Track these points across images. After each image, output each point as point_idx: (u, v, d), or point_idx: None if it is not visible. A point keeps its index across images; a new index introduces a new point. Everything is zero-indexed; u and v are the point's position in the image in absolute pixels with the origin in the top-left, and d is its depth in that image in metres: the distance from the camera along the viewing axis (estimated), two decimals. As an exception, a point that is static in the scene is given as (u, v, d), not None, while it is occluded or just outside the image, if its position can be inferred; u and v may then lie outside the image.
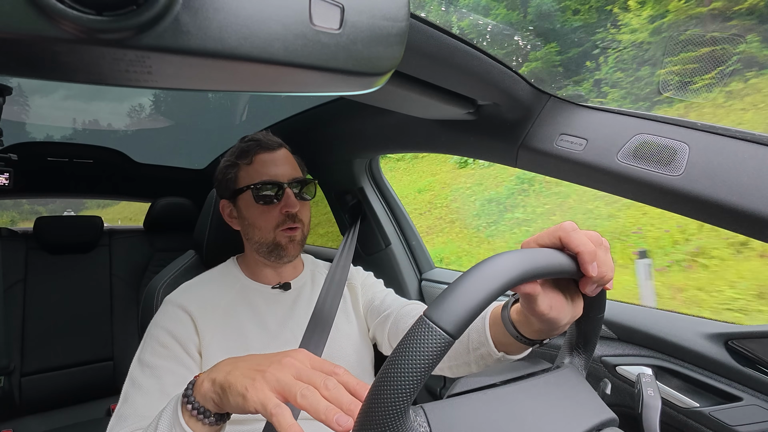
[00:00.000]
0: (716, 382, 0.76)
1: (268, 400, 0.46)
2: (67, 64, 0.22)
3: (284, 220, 0.87)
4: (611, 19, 5.38)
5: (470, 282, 0.37)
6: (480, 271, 0.38)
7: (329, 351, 0.85)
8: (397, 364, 0.35)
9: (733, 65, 3.18)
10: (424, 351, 0.34)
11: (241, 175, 0.90)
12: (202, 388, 0.53)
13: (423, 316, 0.36)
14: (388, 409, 0.34)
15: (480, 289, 0.37)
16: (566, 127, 0.77)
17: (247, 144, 0.90)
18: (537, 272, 0.42)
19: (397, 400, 0.34)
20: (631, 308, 0.92)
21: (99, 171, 2.12)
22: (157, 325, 0.82)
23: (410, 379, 0.34)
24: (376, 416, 0.35)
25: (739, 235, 0.61)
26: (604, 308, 0.53)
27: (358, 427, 0.36)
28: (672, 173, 0.64)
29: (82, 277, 1.95)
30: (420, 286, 1.41)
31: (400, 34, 0.30)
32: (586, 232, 0.47)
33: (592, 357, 0.58)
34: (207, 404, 0.53)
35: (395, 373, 0.34)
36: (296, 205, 0.87)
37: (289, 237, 0.87)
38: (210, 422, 0.53)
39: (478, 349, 0.67)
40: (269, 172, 0.87)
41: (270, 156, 0.89)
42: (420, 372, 0.34)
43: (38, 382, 1.77)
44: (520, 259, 0.40)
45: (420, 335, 0.35)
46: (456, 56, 0.62)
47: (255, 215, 0.87)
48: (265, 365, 0.50)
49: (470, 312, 0.36)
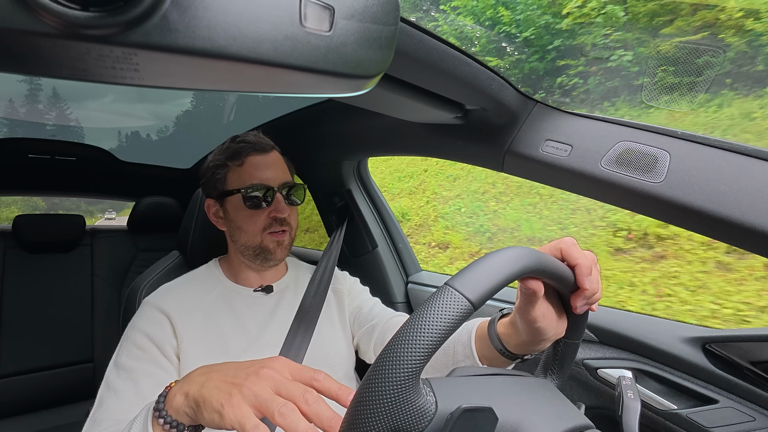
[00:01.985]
0: (694, 384, 0.78)
1: (246, 420, 0.44)
2: (51, 59, 0.21)
3: (271, 223, 0.86)
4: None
5: (493, 261, 0.40)
6: (502, 254, 0.41)
7: (311, 354, 0.84)
8: (417, 324, 0.35)
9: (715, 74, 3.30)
10: (445, 315, 0.35)
11: (230, 177, 0.88)
12: (175, 402, 0.50)
13: (446, 284, 0.38)
14: (403, 368, 0.35)
15: (501, 268, 0.39)
16: (552, 133, 0.78)
17: (239, 145, 0.88)
18: (547, 271, 0.45)
19: (413, 359, 0.35)
20: (612, 312, 0.94)
21: (82, 169, 2.07)
22: (134, 328, 0.80)
23: (429, 340, 0.35)
24: (390, 372, 0.35)
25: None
26: (582, 335, 0.57)
27: (370, 383, 0.36)
28: (653, 180, 0.65)
29: (62, 277, 1.90)
30: (406, 289, 1.41)
31: (390, 37, 0.30)
32: (584, 250, 0.51)
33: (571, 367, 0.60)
34: (180, 418, 0.50)
35: (414, 333, 0.35)
36: (286, 210, 0.86)
37: (276, 241, 0.87)
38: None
39: (462, 362, 0.68)
40: (260, 176, 0.86)
41: (262, 158, 0.88)
42: (439, 335, 0.35)
43: (15, 385, 1.72)
44: (536, 254, 0.44)
45: (442, 300, 0.36)
46: (445, 61, 0.63)
47: (243, 218, 0.86)
48: (242, 378, 0.47)
49: (492, 285, 0.38)
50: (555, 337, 0.56)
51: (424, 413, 0.36)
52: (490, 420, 0.37)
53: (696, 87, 0.94)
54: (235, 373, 0.49)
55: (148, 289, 1.00)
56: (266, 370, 0.48)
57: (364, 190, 1.47)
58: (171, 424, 0.50)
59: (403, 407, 0.35)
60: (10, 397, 1.71)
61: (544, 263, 0.45)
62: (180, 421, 0.50)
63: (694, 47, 0.87)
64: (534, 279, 0.48)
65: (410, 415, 0.35)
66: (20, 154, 1.87)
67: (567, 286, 0.50)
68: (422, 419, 0.36)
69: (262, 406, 0.45)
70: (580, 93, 4.23)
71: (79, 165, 2.05)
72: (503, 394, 0.43)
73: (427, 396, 0.37)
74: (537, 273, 0.45)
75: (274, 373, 0.48)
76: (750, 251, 0.60)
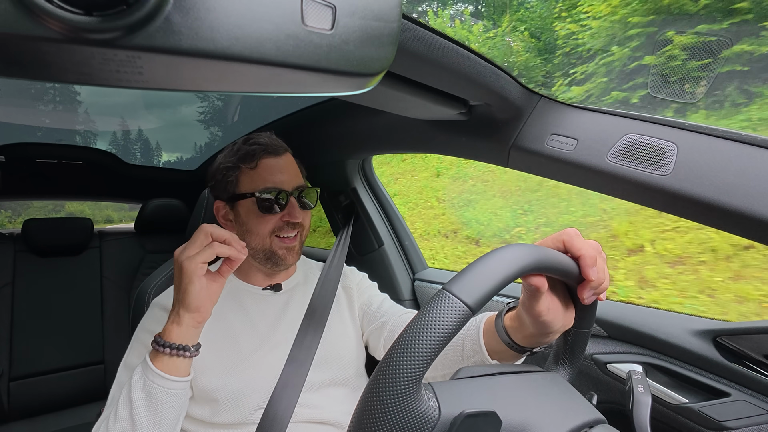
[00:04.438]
0: (705, 378, 0.77)
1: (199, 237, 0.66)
2: (56, 64, 0.21)
3: (283, 227, 0.85)
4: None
5: (490, 262, 0.39)
6: (499, 254, 0.40)
7: (322, 352, 0.85)
8: (416, 331, 0.35)
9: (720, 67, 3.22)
10: (443, 320, 0.35)
11: (243, 179, 0.86)
12: (173, 331, 0.65)
13: (443, 289, 0.37)
14: (403, 377, 0.34)
15: (499, 270, 0.39)
16: (557, 127, 0.77)
17: (252, 147, 0.86)
18: (548, 266, 0.44)
19: (413, 367, 0.34)
20: (621, 306, 0.93)
21: (89, 172, 2.09)
22: (143, 329, 0.81)
23: (428, 347, 0.35)
24: (391, 381, 0.35)
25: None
26: (592, 324, 0.55)
27: (372, 392, 0.36)
28: (661, 173, 0.65)
29: (71, 279, 1.92)
30: (413, 286, 1.41)
31: (392, 34, 0.30)
32: (588, 240, 0.50)
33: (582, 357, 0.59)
34: (187, 338, 0.66)
35: (413, 340, 0.35)
36: (300, 215, 0.84)
37: (286, 248, 0.85)
38: (191, 354, 0.67)
39: (471, 357, 0.68)
40: (274, 179, 0.84)
41: (275, 162, 0.86)
42: (438, 341, 0.35)
43: (27, 387, 1.74)
44: (535, 250, 0.43)
45: (440, 306, 0.36)
46: (448, 57, 0.62)
47: (254, 222, 0.85)
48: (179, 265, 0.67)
49: (489, 288, 0.38)
50: (563, 329, 0.55)
51: (427, 420, 0.36)
52: (493, 424, 0.37)
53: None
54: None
55: (156, 290, 1.00)
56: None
57: (369, 188, 1.47)
58: (177, 347, 0.65)
59: (406, 415, 0.35)
60: (23, 399, 1.73)
61: (544, 259, 0.44)
62: (184, 342, 0.65)
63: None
64: (536, 275, 0.47)
65: (413, 422, 0.35)
66: (27, 159, 1.89)
67: (572, 278, 0.49)
68: (425, 425, 0.36)
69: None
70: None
71: (86, 169, 2.07)
72: (508, 395, 0.42)
73: (429, 402, 0.37)
74: (538, 270, 0.44)
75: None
76: (760, 242, 0.59)
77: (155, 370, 0.64)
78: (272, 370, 0.79)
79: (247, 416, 0.76)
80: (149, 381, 0.64)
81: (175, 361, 0.65)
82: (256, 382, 0.77)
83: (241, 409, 0.76)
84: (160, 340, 0.65)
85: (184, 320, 0.65)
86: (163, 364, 0.64)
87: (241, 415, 0.76)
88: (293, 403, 0.76)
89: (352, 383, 0.88)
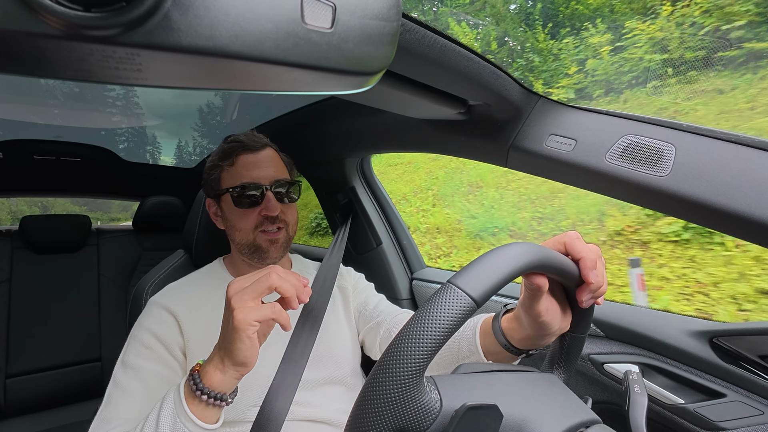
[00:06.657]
0: (701, 378, 0.77)
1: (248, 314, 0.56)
2: (54, 60, 0.21)
3: (263, 221, 0.86)
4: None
5: (495, 258, 0.40)
6: (504, 251, 0.41)
7: (318, 351, 0.85)
8: (421, 322, 0.35)
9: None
10: (448, 312, 0.35)
11: (223, 177, 0.89)
12: (215, 377, 0.58)
13: (448, 282, 0.38)
14: (407, 366, 0.35)
15: (503, 266, 0.39)
16: (556, 128, 0.77)
17: (230, 145, 0.89)
18: (550, 266, 0.45)
19: (417, 358, 0.35)
20: (618, 306, 0.93)
21: (87, 169, 2.09)
22: (140, 327, 0.81)
23: (432, 338, 0.35)
24: (395, 370, 0.35)
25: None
26: (588, 328, 0.56)
27: (375, 381, 0.36)
28: (659, 174, 0.65)
29: (69, 277, 1.91)
30: (411, 286, 1.41)
31: (392, 33, 0.30)
32: (588, 244, 0.51)
33: (580, 356, 0.59)
34: (225, 387, 0.59)
35: (418, 331, 0.35)
36: (276, 208, 0.85)
37: (269, 240, 0.86)
38: (227, 402, 0.61)
39: (467, 358, 0.68)
40: (251, 175, 0.86)
41: (253, 157, 0.88)
42: (442, 332, 0.35)
43: (24, 384, 1.74)
44: (539, 250, 0.44)
45: (445, 298, 0.36)
46: (447, 56, 0.62)
47: (235, 217, 0.87)
48: (226, 321, 0.59)
49: (496, 282, 0.38)
50: (560, 332, 0.56)
51: (429, 411, 0.36)
52: (494, 417, 0.37)
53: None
54: (223, 326, 0.60)
55: (154, 288, 1.00)
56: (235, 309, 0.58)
57: (367, 187, 1.47)
58: (215, 396, 0.59)
59: (408, 405, 0.35)
60: (19, 396, 1.73)
61: (547, 258, 0.44)
62: (223, 391, 0.59)
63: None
64: (538, 274, 0.48)
65: (415, 413, 0.35)
66: (25, 156, 1.88)
67: (572, 280, 0.50)
68: (427, 417, 0.36)
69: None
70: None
71: (84, 166, 2.06)
72: (508, 391, 0.43)
73: (431, 394, 0.37)
74: (541, 268, 0.45)
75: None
76: (757, 244, 0.60)
77: (190, 414, 0.58)
78: (268, 368, 0.79)
79: (243, 414, 0.76)
80: (180, 423, 0.58)
81: (210, 409, 0.60)
82: (251, 379, 0.78)
83: (236, 407, 0.76)
84: (199, 382, 0.59)
85: (228, 371, 0.59)
86: (198, 410, 0.59)
87: (236, 412, 0.76)
88: (289, 401, 0.76)
89: (348, 382, 0.88)
